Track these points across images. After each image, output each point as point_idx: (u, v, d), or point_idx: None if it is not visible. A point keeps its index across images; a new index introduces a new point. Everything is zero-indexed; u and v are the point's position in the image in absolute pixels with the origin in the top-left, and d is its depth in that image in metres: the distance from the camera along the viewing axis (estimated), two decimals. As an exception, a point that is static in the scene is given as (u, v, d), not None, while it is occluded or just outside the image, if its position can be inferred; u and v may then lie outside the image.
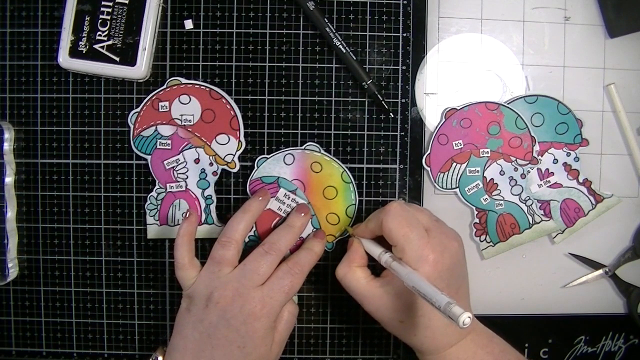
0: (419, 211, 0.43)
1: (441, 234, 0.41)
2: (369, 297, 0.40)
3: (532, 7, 0.49)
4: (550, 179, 0.49)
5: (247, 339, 0.40)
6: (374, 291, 0.40)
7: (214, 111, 0.47)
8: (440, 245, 0.39)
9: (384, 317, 0.40)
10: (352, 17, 0.47)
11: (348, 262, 0.42)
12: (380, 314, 0.40)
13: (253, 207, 0.44)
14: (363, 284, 0.41)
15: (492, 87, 0.49)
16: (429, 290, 0.34)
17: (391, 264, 0.39)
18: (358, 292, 0.41)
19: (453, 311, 0.31)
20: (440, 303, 0.32)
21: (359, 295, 0.41)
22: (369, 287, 0.41)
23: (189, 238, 0.43)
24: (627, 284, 0.49)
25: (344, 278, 0.42)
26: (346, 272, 0.42)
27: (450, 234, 0.42)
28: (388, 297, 0.39)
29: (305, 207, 0.46)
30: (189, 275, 0.42)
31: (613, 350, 0.50)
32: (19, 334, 0.49)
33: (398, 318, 0.39)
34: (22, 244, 0.48)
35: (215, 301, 0.40)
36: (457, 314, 0.31)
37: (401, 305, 0.39)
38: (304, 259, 0.43)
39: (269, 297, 0.40)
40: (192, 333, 0.40)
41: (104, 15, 0.45)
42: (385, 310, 0.40)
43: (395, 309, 0.39)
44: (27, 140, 0.48)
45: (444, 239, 0.40)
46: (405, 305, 0.39)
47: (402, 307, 0.39)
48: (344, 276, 0.42)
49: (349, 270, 0.42)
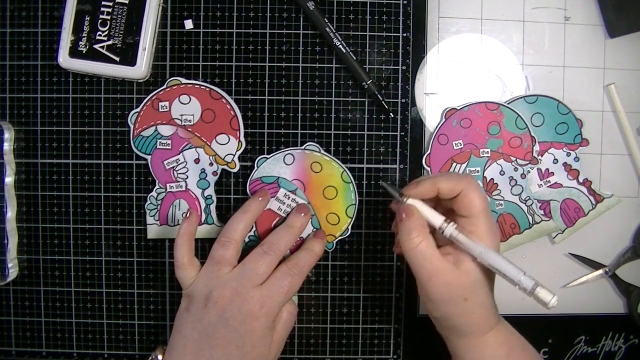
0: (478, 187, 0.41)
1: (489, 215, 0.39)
2: (441, 270, 0.36)
3: (532, 7, 0.49)
4: (550, 179, 0.49)
5: (246, 338, 0.40)
6: (447, 265, 0.37)
7: (214, 111, 0.47)
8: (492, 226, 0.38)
9: (451, 293, 0.37)
10: (352, 17, 0.47)
11: (421, 227, 0.37)
12: (447, 290, 0.37)
13: (253, 207, 0.44)
14: (438, 254, 0.37)
15: (492, 87, 0.49)
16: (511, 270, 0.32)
17: (458, 236, 0.36)
18: (431, 264, 0.37)
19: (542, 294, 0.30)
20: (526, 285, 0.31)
21: (433, 267, 0.37)
22: (442, 261, 0.37)
23: (189, 238, 0.43)
24: (627, 284, 0.49)
25: (419, 246, 0.37)
26: (422, 240, 0.37)
27: None
28: (460, 273, 0.37)
29: (305, 207, 0.46)
30: (188, 275, 0.43)
31: (613, 350, 0.50)
32: (19, 334, 0.49)
33: (464, 295, 0.37)
34: (22, 244, 0.48)
35: (214, 301, 0.40)
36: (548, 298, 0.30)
37: (470, 282, 0.37)
38: (303, 259, 0.43)
39: (267, 297, 0.40)
40: (191, 332, 0.40)
41: (104, 15, 0.45)
42: (454, 286, 0.37)
43: (464, 286, 0.37)
44: (27, 140, 0.48)
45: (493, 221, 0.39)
46: (473, 282, 0.37)
47: (470, 283, 0.37)
48: (419, 244, 0.37)
49: (425, 238, 0.37)
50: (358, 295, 0.49)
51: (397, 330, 0.49)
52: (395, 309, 0.49)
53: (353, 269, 0.49)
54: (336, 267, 0.49)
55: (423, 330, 0.49)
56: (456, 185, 0.37)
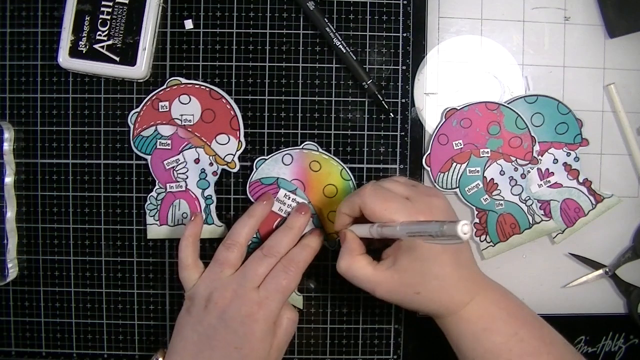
0: (393, 183, 0.41)
1: (422, 195, 0.40)
2: (380, 282, 0.39)
3: (532, 7, 0.49)
4: (550, 179, 0.49)
5: (245, 340, 0.40)
6: (384, 274, 0.39)
7: (214, 111, 0.47)
8: (425, 205, 0.39)
9: (400, 295, 0.39)
10: (352, 17, 0.47)
11: (349, 252, 0.41)
12: (395, 293, 0.39)
13: (258, 212, 0.45)
14: (370, 270, 0.39)
15: (492, 87, 0.49)
16: (422, 226, 0.32)
17: (382, 230, 0.38)
18: (367, 280, 0.39)
19: (447, 229, 0.30)
20: (434, 229, 0.31)
21: (370, 283, 0.39)
22: (377, 272, 0.39)
23: (194, 239, 0.44)
24: (627, 284, 0.49)
25: (349, 270, 0.40)
26: (350, 264, 0.40)
27: (431, 192, 0.41)
28: (399, 275, 0.38)
29: (305, 206, 0.46)
30: (191, 277, 0.43)
31: (613, 350, 0.50)
32: (19, 334, 0.49)
33: (415, 291, 0.38)
34: (22, 244, 0.48)
35: (215, 302, 0.40)
36: (454, 228, 0.29)
37: (413, 278, 0.38)
38: (298, 256, 0.43)
39: (265, 297, 0.41)
40: (191, 334, 0.40)
41: (104, 15, 0.45)
42: (400, 288, 0.39)
43: (409, 284, 0.38)
44: (27, 140, 0.48)
45: (427, 198, 0.40)
46: (417, 275, 0.38)
47: (414, 278, 0.38)
48: (348, 268, 0.40)
49: (352, 260, 0.40)
50: (358, 295, 0.49)
51: (397, 330, 0.49)
52: (395, 309, 0.49)
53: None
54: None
55: (423, 330, 0.49)
56: (353, 205, 0.40)
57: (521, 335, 0.38)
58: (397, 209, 0.38)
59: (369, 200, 0.39)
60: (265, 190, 0.47)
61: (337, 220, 0.43)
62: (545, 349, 0.38)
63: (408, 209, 0.38)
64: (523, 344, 0.38)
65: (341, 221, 0.43)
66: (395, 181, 0.42)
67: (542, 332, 0.39)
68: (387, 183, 0.41)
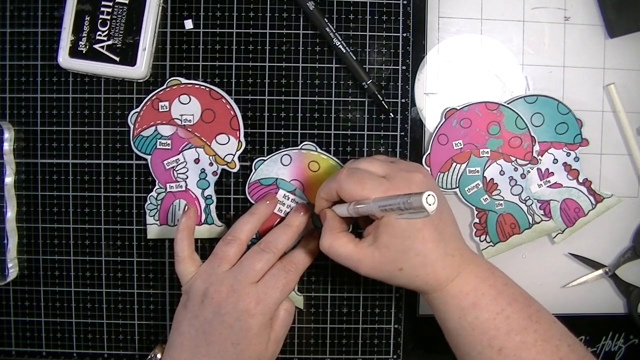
0: (370, 162, 0.41)
1: (401, 171, 0.39)
2: (362, 259, 0.39)
3: (532, 7, 0.49)
4: (550, 179, 0.49)
5: (241, 335, 0.40)
6: (365, 251, 0.39)
7: (214, 111, 0.47)
8: (404, 181, 0.38)
9: (383, 272, 0.39)
10: (352, 17, 0.47)
11: (329, 230, 0.40)
12: (378, 270, 0.39)
13: (260, 211, 0.45)
14: (352, 247, 0.39)
15: (492, 87, 0.49)
16: (391, 200, 0.32)
17: (358, 208, 0.38)
18: (350, 257, 0.39)
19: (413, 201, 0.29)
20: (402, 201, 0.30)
21: (352, 260, 0.39)
22: (358, 249, 0.39)
23: (189, 233, 0.44)
24: (627, 284, 0.49)
25: (331, 247, 0.40)
26: (332, 241, 0.40)
27: (410, 167, 0.41)
28: (380, 252, 0.38)
29: (304, 207, 0.46)
30: (188, 270, 0.43)
31: (613, 350, 0.50)
32: (19, 334, 0.49)
33: (397, 267, 0.38)
34: (22, 244, 0.48)
35: (211, 297, 0.40)
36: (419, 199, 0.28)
37: (395, 254, 0.38)
38: (298, 257, 0.44)
39: (263, 293, 0.41)
40: (189, 329, 0.40)
41: (104, 15, 0.45)
42: (382, 265, 0.38)
43: (391, 260, 0.38)
44: (27, 140, 0.48)
45: (405, 174, 0.39)
46: (398, 252, 0.37)
47: (396, 255, 0.38)
48: (330, 246, 0.40)
49: (334, 238, 0.40)
50: (358, 295, 0.49)
51: (397, 330, 0.49)
52: (395, 309, 0.49)
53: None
54: (336, 267, 0.48)
55: (423, 330, 0.49)
56: (330, 190, 0.40)
57: (508, 312, 0.38)
58: (373, 188, 0.37)
59: (345, 184, 0.39)
60: (264, 191, 0.47)
61: (317, 205, 0.43)
62: (532, 327, 0.37)
63: (385, 187, 0.38)
64: (509, 321, 0.37)
65: (320, 206, 0.43)
66: (373, 160, 0.41)
67: (530, 309, 0.39)
68: (363, 163, 0.41)
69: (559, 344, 0.37)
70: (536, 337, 0.37)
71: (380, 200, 0.35)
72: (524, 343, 0.37)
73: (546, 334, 0.38)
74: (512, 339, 0.37)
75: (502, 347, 0.37)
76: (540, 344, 0.37)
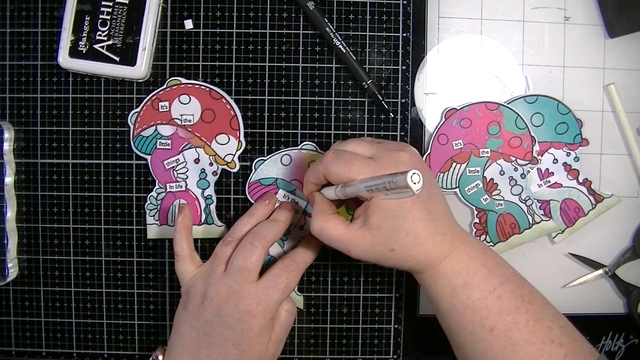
0: (356, 144, 0.40)
1: (387, 151, 0.39)
2: (353, 241, 0.38)
3: (532, 7, 0.49)
4: (550, 179, 0.49)
5: (243, 336, 0.40)
6: (356, 233, 0.38)
7: (214, 111, 0.47)
8: (390, 161, 0.38)
9: (375, 253, 0.38)
10: (352, 17, 0.47)
11: (320, 213, 0.40)
12: (370, 252, 0.38)
13: (259, 211, 0.45)
14: (343, 229, 0.39)
15: (492, 87, 0.49)
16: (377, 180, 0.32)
17: (345, 190, 0.38)
18: (341, 239, 0.39)
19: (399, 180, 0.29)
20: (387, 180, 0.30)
21: (343, 242, 0.39)
22: (349, 231, 0.38)
23: (187, 232, 0.44)
24: (627, 284, 0.49)
25: (322, 230, 0.39)
26: (322, 224, 0.39)
27: (397, 147, 0.40)
28: (371, 233, 0.37)
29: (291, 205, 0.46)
30: (187, 270, 0.43)
31: (613, 350, 0.50)
32: (19, 334, 0.49)
33: (388, 248, 0.37)
34: (22, 244, 0.48)
35: (210, 298, 0.40)
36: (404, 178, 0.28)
37: (386, 235, 0.37)
38: (300, 256, 0.44)
39: (264, 294, 0.41)
40: (189, 331, 0.40)
41: (104, 15, 0.45)
42: (374, 246, 0.38)
43: (382, 241, 0.37)
44: (27, 140, 0.48)
45: (392, 154, 0.38)
46: (389, 233, 0.37)
47: (387, 236, 0.37)
48: (321, 228, 0.39)
49: (324, 220, 0.39)
50: (358, 295, 0.49)
51: (397, 330, 0.49)
52: (395, 309, 0.49)
53: (353, 269, 0.49)
54: (336, 267, 0.49)
55: (423, 330, 0.49)
56: (318, 174, 0.40)
57: (500, 292, 0.37)
58: (360, 169, 0.37)
59: (332, 167, 0.38)
60: (264, 190, 0.47)
61: (305, 188, 0.43)
62: (524, 307, 0.37)
63: (372, 168, 0.37)
64: (501, 301, 0.37)
65: (308, 189, 0.43)
66: (360, 141, 0.41)
67: (522, 289, 0.38)
68: (350, 144, 0.40)
69: (551, 325, 0.37)
70: (528, 317, 0.37)
71: (367, 180, 0.35)
72: (515, 323, 0.36)
73: (538, 314, 0.37)
74: (503, 319, 0.36)
75: (494, 327, 0.36)
76: (532, 324, 0.36)
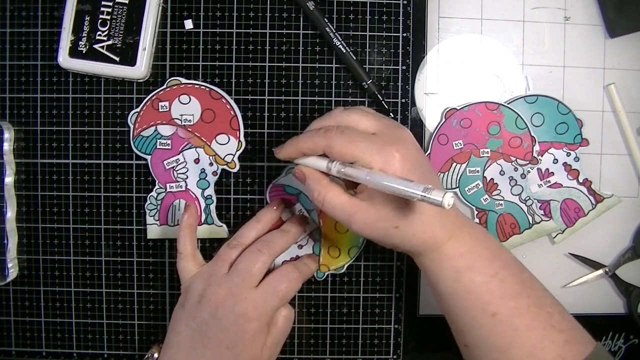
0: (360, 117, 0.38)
1: (391, 128, 0.37)
2: (356, 212, 0.36)
3: (532, 7, 0.49)
4: (550, 179, 0.49)
5: (237, 339, 0.40)
6: (360, 204, 0.36)
7: (214, 111, 0.47)
8: (396, 139, 0.36)
9: (378, 229, 0.36)
10: (352, 17, 0.47)
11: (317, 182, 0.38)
12: (373, 227, 0.36)
13: (266, 217, 0.45)
14: (346, 198, 0.37)
15: (492, 87, 0.49)
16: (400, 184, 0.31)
17: (345, 170, 0.36)
18: (344, 209, 0.37)
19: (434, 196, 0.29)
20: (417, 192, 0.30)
21: (346, 212, 0.37)
22: (352, 201, 0.37)
23: (191, 230, 0.44)
24: (627, 284, 0.49)
25: (325, 198, 0.37)
26: (325, 192, 0.37)
27: (398, 125, 0.39)
28: (376, 209, 0.36)
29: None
30: (189, 267, 0.43)
31: (613, 350, 0.50)
32: (19, 334, 0.49)
33: (392, 225, 0.36)
34: (22, 244, 0.48)
35: (208, 298, 0.40)
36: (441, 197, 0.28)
37: (392, 211, 0.36)
38: (304, 265, 0.44)
39: (262, 299, 0.40)
40: (185, 330, 0.40)
41: (104, 15, 0.45)
42: (377, 222, 0.36)
43: (387, 217, 0.36)
44: (27, 140, 0.48)
45: (395, 131, 0.37)
46: (395, 209, 0.36)
47: (393, 212, 0.36)
48: (324, 197, 0.37)
49: (326, 189, 0.37)
50: (358, 295, 0.49)
51: (397, 330, 0.49)
52: (395, 309, 0.49)
53: (353, 269, 0.49)
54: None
55: (423, 330, 0.49)
56: (315, 146, 0.37)
57: (502, 276, 0.37)
58: (366, 147, 0.35)
59: (337, 144, 0.36)
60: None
61: (286, 151, 0.39)
62: (525, 292, 0.37)
63: (377, 145, 0.35)
64: (504, 285, 0.36)
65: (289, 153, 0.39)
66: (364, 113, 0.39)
67: (522, 274, 0.38)
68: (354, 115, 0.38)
69: (551, 310, 0.37)
70: (529, 302, 0.36)
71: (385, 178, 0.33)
72: (517, 309, 0.36)
73: (539, 300, 0.37)
74: (506, 304, 0.36)
75: (496, 312, 0.36)
76: (534, 310, 0.36)
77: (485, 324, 0.36)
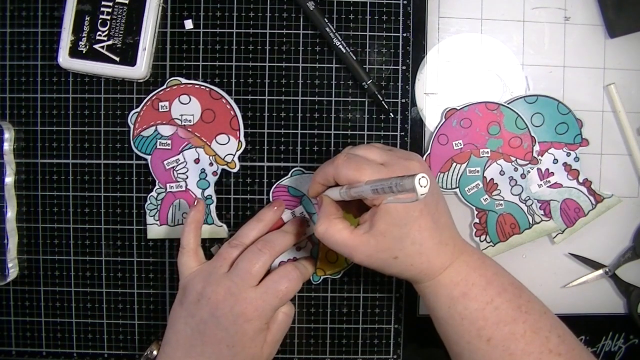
0: (368, 150, 0.40)
1: (399, 159, 0.39)
2: (357, 246, 0.38)
3: (532, 7, 0.49)
4: (550, 179, 0.49)
5: (236, 339, 0.40)
6: (360, 238, 0.38)
7: (214, 111, 0.47)
8: (401, 169, 0.38)
9: (378, 260, 0.38)
10: (352, 17, 0.47)
11: (325, 216, 0.40)
12: (373, 258, 0.38)
13: (267, 217, 0.45)
14: (347, 234, 0.38)
15: (492, 87, 0.49)
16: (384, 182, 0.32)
17: (350, 191, 0.38)
18: (344, 244, 0.38)
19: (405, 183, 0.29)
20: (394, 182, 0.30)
21: (347, 247, 0.38)
22: (353, 235, 0.38)
23: (196, 226, 0.44)
24: (627, 284, 0.49)
25: (326, 233, 0.39)
26: (327, 227, 0.39)
27: (408, 156, 0.40)
28: (375, 240, 0.37)
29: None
30: (189, 263, 0.43)
31: (613, 350, 0.50)
32: (19, 334, 0.49)
33: (392, 255, 0.38)
34: (22, 244, 0.48)
35: (207, 297, 0.40)
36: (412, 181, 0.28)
37: (391, 242, 0.37)
38: (305, 266, 0.44)
39: (262, 299, 0.40)
40: (184, 328, 0.40)
41: (104, 15, 0.45)
42: (377, 253, 0.38)
43: (386, 248, 0.37)
44: (27, 140, 0.48)
45: (403, 162, 0.38)
46: (394, 240, 0.37)
47: (392, 243, 0.37)
48: (325, 231, 0.39)
49: (329, 224, 0.39)
50: (358, 295, 0.49)
51: (397, 330, 0.49)
52: (395, 309, 0.49)
53: (353, 269, 0.49)
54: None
55: (423, 330, 0.49)
56: (326, 175, 0.40)
57: (497, 303, 0.38)
58: (371, 174, 0.37)
59: (343, 170, 0.38)
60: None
61: (312, 188, 0.42)
62: (521, 317, 0.37)
63: (383, 174, 0.37)
64: (498, 312, 0.37)
65: (315, 189, 0.42)
66: (371, 147, 0.41)
67: (520, 299, 0.39)
68: (361, 150, 0.40)
69: (549, 335, 0.37)
70: (525, 327, 0.37)
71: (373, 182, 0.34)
72: (512, 334, 0.37)
73: (536, 325, 0.37)
74: (500, 330, 0.37)
75: (491, 338, 0.37)
76: (530, 335, 0.37)
77: (480, 349, 0.37)
